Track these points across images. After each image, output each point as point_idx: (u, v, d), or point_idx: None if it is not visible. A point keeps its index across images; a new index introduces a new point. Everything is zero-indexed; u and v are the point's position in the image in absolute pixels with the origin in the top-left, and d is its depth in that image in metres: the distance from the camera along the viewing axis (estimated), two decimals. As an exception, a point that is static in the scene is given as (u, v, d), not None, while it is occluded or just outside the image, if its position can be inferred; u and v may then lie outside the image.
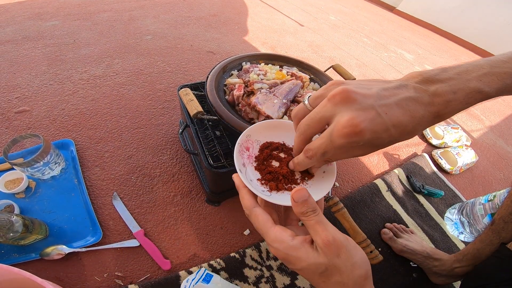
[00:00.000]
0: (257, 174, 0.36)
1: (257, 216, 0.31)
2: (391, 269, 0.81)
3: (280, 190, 0.34)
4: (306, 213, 0.28)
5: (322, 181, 0.36)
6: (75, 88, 1.08)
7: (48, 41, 1.32)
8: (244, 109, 0.62)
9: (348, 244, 0.28)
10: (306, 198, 0.28)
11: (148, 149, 0.92)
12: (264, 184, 0.35)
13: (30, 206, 0.71)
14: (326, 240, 0.27)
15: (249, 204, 0.32)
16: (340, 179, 0.99)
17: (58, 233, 0.68)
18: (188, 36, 1.56)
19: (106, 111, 1.01)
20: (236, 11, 2.07)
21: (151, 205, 0.78)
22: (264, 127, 0.39)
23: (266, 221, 0.31)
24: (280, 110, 0.60)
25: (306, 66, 0.78)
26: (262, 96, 0.61)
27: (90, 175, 0.81)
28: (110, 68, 1.20)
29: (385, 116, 0.27)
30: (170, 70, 1.26)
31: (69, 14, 1.59)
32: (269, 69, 0.72)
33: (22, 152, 0.80)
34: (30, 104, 0.97)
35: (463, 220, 0.94)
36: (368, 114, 0.27)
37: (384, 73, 1.82)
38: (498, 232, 0.60)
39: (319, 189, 0.35)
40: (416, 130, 0.30)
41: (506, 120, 1.75)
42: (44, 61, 1.18)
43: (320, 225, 0.28)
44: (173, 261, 0.69)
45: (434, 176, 1.10)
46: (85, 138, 0.90)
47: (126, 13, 1.70)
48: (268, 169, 0.36)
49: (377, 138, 0.28)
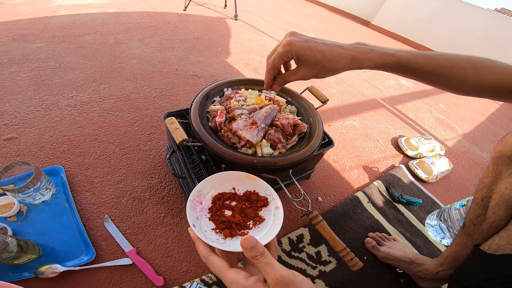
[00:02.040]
0: (211, 224, 0.40)
1: (213, 263, 0.35)
2: (378, 276, 0.83)
3: (234, 236, 0.39)
4: (255, 257, 0.32)
5: (272, 225, 0.41)
6: (62, 114, 1.10)
7: (34, 64, 1.34)
8: (227, 134, 0.66)
9: (295, 279, 0.32)
10: (253, 244, 0.33)
11: (137, 173, 0.94)
12: (218, 233, 0.39)
13: (22, 228, 0.73)
14: (275, 279, 0.30)
15: (204, 253, 0.36)
16: (323, 194, 1.03)
17: (51, 253, 0.70)
18: (173, 60, 1.61)
19: (94, 137, 1.03)
20: (219, 33, 2.15)
21: (142, 226, 0.80)
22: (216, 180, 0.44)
23: (222, 266, 0.34)
24: (259, 134, 0.64)
25: (283, 89, 0.84)
26: (242, 121, 0.65)
27: (81, 199, 0.83)
28: (97, 94, 1.23)
29: (311, 43, 0.45)
30: (156, 95, 1.30)
31: (53, 36, 1.61)
32: (249, 94, 0.77)
33: (13, 178, 0.82)
34: (18, 131, 0.99)
35: (442, 225, 0.99)
36: (300, 39, 0.46)
37: (361, 88, 1.91)
38: (470, 234, 0.63)
39: (269, 234, 0.39)
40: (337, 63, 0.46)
41: (479, 127, 1.87)
42: (30, 85, 1.20)
43: (269, 266, 0.31)
44: (166, 277, 0.71)
45: (412, 186, 1.16)
46: (74, 165, 0.92)
47: (111, 36, 1.73)
48: (221, 219, 0.41)
49: (303, 53, 0.45)
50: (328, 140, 0.86)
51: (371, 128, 1.49)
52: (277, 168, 0.61)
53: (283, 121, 0.69)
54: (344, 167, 1.18)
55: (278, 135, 0.67)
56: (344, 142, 1.32)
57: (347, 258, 0.57)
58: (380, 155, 1.31)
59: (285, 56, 0.47)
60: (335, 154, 1.23)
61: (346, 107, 1.62)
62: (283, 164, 0.61)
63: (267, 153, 0.65)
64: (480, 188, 0.61)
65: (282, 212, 0.43)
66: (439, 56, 0.47)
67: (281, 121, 0.69)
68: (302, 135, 0.73)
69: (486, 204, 0.58)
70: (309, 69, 0.47)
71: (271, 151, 0.66)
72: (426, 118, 1.77)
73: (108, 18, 2.02)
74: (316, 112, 0.78)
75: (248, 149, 0.65)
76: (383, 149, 1.35)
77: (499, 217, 0.55)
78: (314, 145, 0.67)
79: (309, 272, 0.80)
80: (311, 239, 0.87)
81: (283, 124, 0.68)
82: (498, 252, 0.52)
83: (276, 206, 0.44)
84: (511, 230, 0.52)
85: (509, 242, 0.51)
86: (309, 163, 0.93)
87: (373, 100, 1.81)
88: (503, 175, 0.55)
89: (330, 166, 1.16)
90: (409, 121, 1.67)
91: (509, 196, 0.53)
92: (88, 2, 2.27)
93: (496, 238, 0.55)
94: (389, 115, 1.67)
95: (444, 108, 1.98)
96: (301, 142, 0.71)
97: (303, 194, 0.64)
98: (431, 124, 1.72)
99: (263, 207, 0.45)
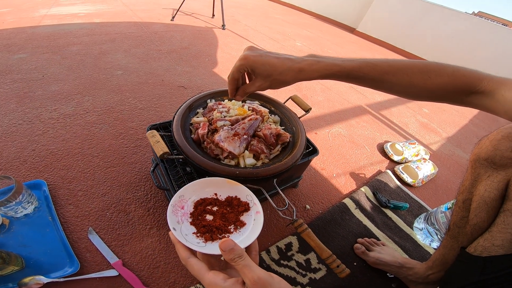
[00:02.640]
0: (192, 228, 0.41)
1: (192, 265, 0.36)
2: (369, 282, 0.83)
3: (215, 240, 0.40)
4: (234, 260, 0.33)
5: (252, 229, 0.42)
6: (45, 128, 1.07)
7: (16, 75, 1.31)
8: (209, 146, 0.66)
9: (273, 280, 0.33)
10: (232, 247, 0.34)
11: (122, 186, 0.92)
12: (199, 237, 0.40)
13: (4, 241, 0.72)
14: (253, 280, 0.32)
15: (184, 256, 0.38)
16: (311, 202, 1.04)
17: (34, 265, 0.70)
18: (159, 71, 1.61)
19: (77, 151, 1.01)
20: (206, 42, 2.16)
21: (128, 238, 0.79)
22: (198, 186, 0.45)
23: (200, 268, 0.36)
24: (241, 145, 0.64)
25: (266, 99, 0.85)
26: (224, 133, 0.65)
27: (64, 212, 0.82)
28: (80, 106, 1.21)
29: (264, 57, 0.49)
30: (141, 107, 1.29)
31: (37, 46, 1.59)
32: (232, 105, 0.77)
33: (-7, 192, 0.81)
34: (0, 145, 0.96)
35: (430, 229, 1.00)
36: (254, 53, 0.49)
37: (347, 95, 1.95)
38: (455, 237, 0.63)
39: (248, 237, 0.41)
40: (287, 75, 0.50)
41: (462, 130, 1.92)
42: (13, 98, 1.18)
43: (246, 268, 0.32)
44: (153, 288, 0.70)
45: (398, 190, 1.18)
46: (57, 178, 0.90)
47: (96, 47, 1.72)
48: (202, 223, 0.42)
49: (256, 67, 0.49)
50: (312, 149, 0.87)
51: (357, 134, 1.51)
52: (260, 178, 0.61)
53: (265, 131, 0.69)
54: (331, 174, 1.19)
55: (260, 145, 0.67)
56: (331, 149, 1.34)
57: (334, 265, 0.58)
58: (366, 161, 1.32)
59: (241, 69, 0.51)
60: (322, 162, 1.24)
61: (333, 115, 1.64)
62: (266, 175, 0.61)
63: (250, 163, 0.65)
64: (461, 191, 0.62)
65: (262, 216, 0.44)
66: (383, 63, 0.50)
67: (264, 131, 0.69)
68: (285, 144, 0.73)
69: (467, 207, 0.59)
70: (262, 81, 0.51)
71: (254, 162, 0.66)
72: (410, 123, 1.81)
73: (94, 28, 2.01)
74: (299, 121, 0.78)
75: (231, 161, 0.65)
76: (369, 155, 1.37)
77: (481, 219, 0.56)
78: (297, 154, 0.67)
79: (299, 280, 0.79)
80: (300, 247, 0.87)
81: (266, 134, 0.69)
82: (484, 254, 0.53)
83: (256, 211, 0.45)
84: (494, 232, 0.53)
85: (493, 243, 0.52)
86: (295, 172, 0.93)
87: (359, 106, 1.84)
88: (481, 178, 0.56)
89: (317, 174, 1.17)
90: (394, 127, 1.71)
91: (489, 198, 0.54)
92: (74, 12, 2.26)
93: (480, 240, 0.55)
94: (374, 121, 1.70)
95: (427, 112, 2.02)
96: (284, 152, 0.71)
97: (287, 203, 0.64)
98: (416, 129, 1.76)
99: (244, 212, 0.46)
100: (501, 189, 0.53)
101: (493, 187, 0.53)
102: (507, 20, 20.36)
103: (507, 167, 0.51)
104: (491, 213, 0.55)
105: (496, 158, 0.52)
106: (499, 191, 0.53)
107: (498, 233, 0.52)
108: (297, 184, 1.05)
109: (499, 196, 0.53)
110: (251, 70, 0.51)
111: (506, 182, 0.52)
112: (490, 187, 0.54)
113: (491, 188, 0.54)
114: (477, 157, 0.56)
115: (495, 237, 0.52)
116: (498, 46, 2.86)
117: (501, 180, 0.52)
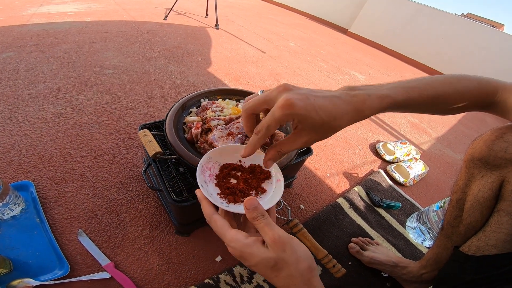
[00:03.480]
0: (217, 189, 0.43)
1: (216, 221, 0.37)
2: (364, 281, 0.83)
3: (237, 202, 0.40)
4: (256, 218, 0.34)
5: (273, 195, 0.43)
6: (32, 127, 1.04)
7: (3, 74, 1.28)
8: (203, 146, 0.65)
9: (292, 241, 0.34)
10: (256, 205, 0.35)
11: (113, 187, 0.90)
12: (223, 198, 0.41)
13: None
14: (273, 238, 0.32)
15: (208, 212, 0.38)
16: (305, 201, 1.04)
17: (23, 267, 0.68)
18: (152, 70, 1.58)
19: (66, 151, 0.98)
20: (200, 42, 2.15)
21: (119, 239, 0.77)
22: (224, 150, 0.47)
23: (223, 225, 0.36)
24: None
25: (262, 99, 0.84)
26: (218, 132, 0.64)
27: (53, 214, 0.80)
28: (69, 105, 1.18)
29: (313, 100, 0.36)
30: (132, 107, 1.26)
31: (25, 45, 1.55)
32: (226, 105, 0.76)
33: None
34: (-14, 146, 0.93)
35: (422, 227, 1.01)
36: (300, 96, 0.35)
37: (341, 94, 1.96)
38: (449, 236, 0.64)
39: (270, 201, 0.41)
40: (342, 119, 0.38)
41: (451, 130, 1.96)
42: (-1, 97, 1.14)
43: (268, 227, 0.33)
44: (147, 291, 0.69)
45: (391, 190, 1.19)
46: (45, 179, 0.88)
47: (86, 46, 1.69)
48: (227, 185, 0.43)
49: (307, 116, 0.35)
50: (306, 148, 0.86)
51: (350, 134, 1.52)
52: (254, 178, 0.61)
53: (260, 130, 0.68)
54: (325, 174, 1.19)
55: (255, 145, 0.66)
56: (324, 149, 1.34)
57: (330, 265, 0.57)
58: (359, 161, 1.33)
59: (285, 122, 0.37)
60: (315, 162, 1.24)
61: (326, 114, 1.65)
62: (261, 175, 0.61)
63: (244, 163, 0.64)
64: (455, 191, 0.62)
65: (283, 185, 0.45)
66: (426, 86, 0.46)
67: (258, 130, 0.69)
68: (280, 144, 0.73)
69: (461, 206, 0.60)
70: (313, 134, 0.38)
71: (248, 162, 0.65)
72: (401, 123, 1.83)
73: (84, 27, 1.97)
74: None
75: (225, 160, 0.64)
76: (362, 155, 1.38)
77: (474, 218, 0.57)
78: (291, 154, 0.67)
79: (294, 281, 0.79)
80: (294, 247, 0.87)
81: (260, 133, 0.68)
82: (478, 254, 0.54)
83: (277, 179, 0.46)
84: (488, 231, 0.53)
85: (487, 243, 0.53)
86: (289, 171, 0.93)
87: (352, 106, 1.85)
88: (475, 178, 0.56)
89: (311, 173, 1.17)
90: (386, 127, 1.73)
91: (482, 198, 0.55)
92: (64, 11, 2.21)
93: (474, 240, 0.56)
94: (367, 121, 1.71)
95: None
96: (279, 151, 0.71)
97: (282, 203, 0.64)
98: (406, 129, 1.78)
99: (266, 179, 0.46)
100: (495, 189, 0.53)
101: (487, 187, 0.54)
102: (495, 22, 20.85)
103: (501, 167, 0.51)
104: (485, 212, 0.55)
105: (490, 158, 0.52)
106: (493, 191, 0.53)
107: (492, 232, 0.53)
108: (291, 184, 1.05)
109: (493, 196, 0.54)
110: (298, 121, 0.37)
111: (500, 182, 0.52)
112: (484, 187, 0.54)
113: (485, 188, 0.54)
114: (471, 157, 0.57)
115: (489, 236, 0.53)
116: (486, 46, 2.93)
117: (495, 180, 0.53)
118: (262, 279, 0.77)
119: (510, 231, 0.50)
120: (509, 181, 0.50)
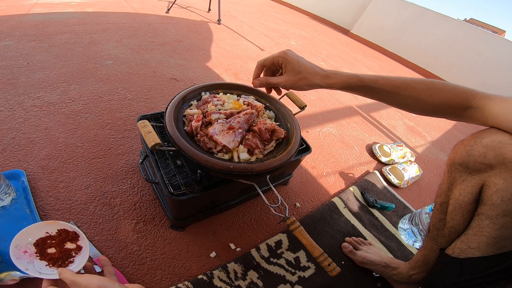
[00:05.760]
0: (44, 262, 0.51)
1: None
2: (356, 281, 0.84)
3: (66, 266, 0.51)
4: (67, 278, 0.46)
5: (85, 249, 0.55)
6: (26, 115, 1.02)
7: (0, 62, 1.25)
8: (203, 139, 0.64)
9: None
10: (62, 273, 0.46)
11: (107, 178, 0.89)
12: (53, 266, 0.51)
13: None
14: None
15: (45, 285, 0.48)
16: (301, 200, 1.04)
17: (11, 260, 0.65)
18: (151, 62, 1.57)
19: (60, 140, 0.96)
20: (201, 36, 2.13)
21: (112, 233, 0.76)
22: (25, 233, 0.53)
23: None
24: (236, 139, 0.63)
25: (262, 94, 0.84)
26: (219, 126, 0.64)
27: (44, 205, 0.78)
28: (66, 95, 1.16)
29: (299, 58, 0.61)
30: (131, 98, 1.25)
31: (25, 34, 1.52)
32: (227, 99, 0.76)
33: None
34: (-22, 133, 0.91)
35: (414, 229, 1.03)
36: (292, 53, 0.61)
37: (339, 95, 1.97)
38: (434, 239, 0.65)
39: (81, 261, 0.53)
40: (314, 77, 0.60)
41: (446, 134, 1.98)
42: (-6, 84, 1.11)
43: None
44: (139, 286, 0.68)
45: (385, 191, 1.20)
46: (37, 169, 0.86)
47: (86, 36, 1.66)
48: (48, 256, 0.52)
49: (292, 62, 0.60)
50: (305, 146, 0.87)
51: (347, 135, 1.53)
52: (254, 174, 0.60)
53: (260, 126, 0.68)
54: (321, 173, 1.20)
55: (255, 140, 0.66)
56: (321, 148, 1.35)
57: (325, 263, 0.57)
58: (355, 161, 1.34)
59: (276, 60, 0.62)
60: (312, 160, 1.25)
61: (324, 114, 1.66)
62: (260, 170, 0.61)
63: (244, 158, 0.64)
64: (439, 194, 0.64)
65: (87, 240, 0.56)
66: (396, 78, 0.58)
67: (259, 126, 0.69)
68: (280, 140, 0.73)
69: (445, 209, 0.61)
70: (291, 76, 0.61)
71: (248, 157, 0.65)
72: (398, 125, 1.85)
73: (86, 17, 1.94)
74: (294, 118, 0.78)
75: (224, 154, 0.64)
76: (359, 155, 1.39)
77: (457, 222, 0.58)
78: (292, 151, 0.67)
79: (288, 278, 0.79)
80: (290, 244, 0.87)
81: (261, 129, 0.68)
82: (461, 256, 0.55)
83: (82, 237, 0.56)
84: (469, 234, 0.55)
85: (469, 246, 0.54)
86: (287, 169, 0.93)
87: (350, 107, 1.87)
88: (456, 182, 0.57)
89: (307, 172, 1.17)
90: (383, 129, 1.74)
91: (463, 202, 0.56)
92: (66, 1, 2.16)
93: (457, 242, 0.57)
94: (364, 122, 1.73)
95: (414, 116, 2.08)
96: (279, 148, 0.71)
97: (280, 200, 0.64)
98: (403, 132, 1.80)
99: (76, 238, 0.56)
100: (475, 193, 0.54)
101: (467, 191, 0.55)
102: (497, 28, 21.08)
103: (480, 172, 0.52)
104: (466, 216, 0.56)
105: (469, 163, 0.53)
106: (473, 195, 0.54)
107: (473, 235, 0.54)
108: (288, 181, 1.05)
109: (473, 200, 0.55)
110: (284, 65, 0.61)
111: (480, 186, 0.53)
112: (464, 191, 0.55)
113: (466, 192, 0.55)
114: (452, 162, 0.58)
115: (470, 239, 0.54)
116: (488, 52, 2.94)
117: (475, 185, 0.54)
118: (256, 276, 0.77)
119: (491, 234, 0.51)
120: (488, 185, 0.51)
